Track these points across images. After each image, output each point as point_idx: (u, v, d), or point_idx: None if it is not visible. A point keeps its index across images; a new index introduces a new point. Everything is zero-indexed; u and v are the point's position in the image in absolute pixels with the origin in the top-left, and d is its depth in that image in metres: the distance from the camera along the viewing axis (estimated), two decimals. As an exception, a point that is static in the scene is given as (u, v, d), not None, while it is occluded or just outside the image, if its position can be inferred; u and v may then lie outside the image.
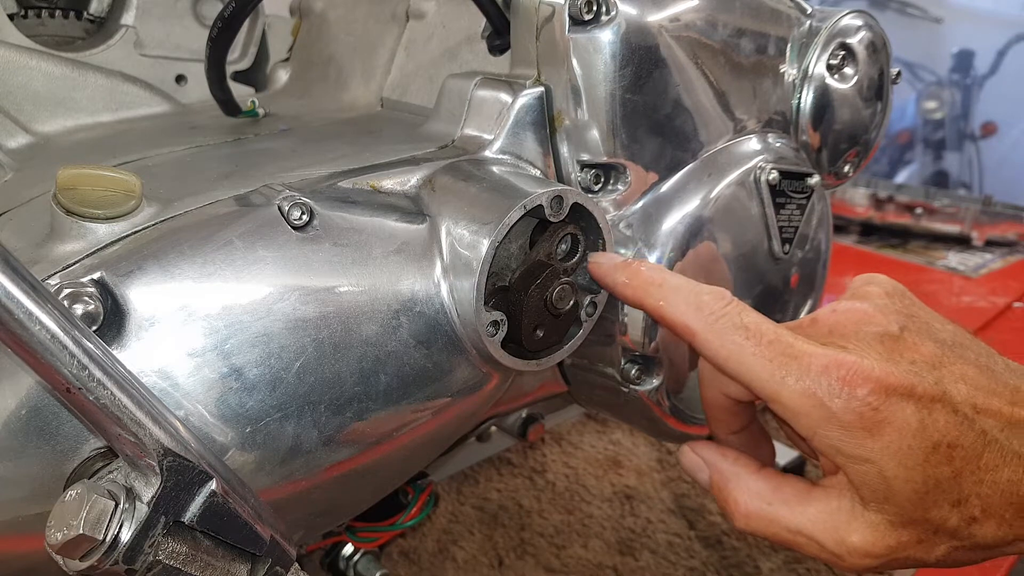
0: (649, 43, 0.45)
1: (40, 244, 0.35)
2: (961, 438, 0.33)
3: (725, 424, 0.41)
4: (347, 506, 0.48)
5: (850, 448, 0.33)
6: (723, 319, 0.36)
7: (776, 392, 0.34)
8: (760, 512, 0.37)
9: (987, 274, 1.62)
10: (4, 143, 0.57)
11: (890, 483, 0.33)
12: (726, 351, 0.36)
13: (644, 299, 0.40)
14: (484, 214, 0.40)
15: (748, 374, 0.35)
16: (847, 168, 0.59)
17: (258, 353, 0.35)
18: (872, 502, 0.34)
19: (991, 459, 0.33)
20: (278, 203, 0.37)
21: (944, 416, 0.33)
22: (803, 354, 0.34)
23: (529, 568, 0.84)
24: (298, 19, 0.70)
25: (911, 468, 0.32)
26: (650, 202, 0.48)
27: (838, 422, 0.33)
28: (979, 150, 2.64)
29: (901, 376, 0.33)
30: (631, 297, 0.41)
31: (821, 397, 0.33)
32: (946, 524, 0.33)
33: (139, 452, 0.29)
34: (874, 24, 0.56)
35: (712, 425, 0.42)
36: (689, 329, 0.37)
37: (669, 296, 0.38)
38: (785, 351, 0.34)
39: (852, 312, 0.37)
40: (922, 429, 0.32)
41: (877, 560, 0.34)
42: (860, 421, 0.32)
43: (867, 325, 0.36)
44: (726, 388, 0.40)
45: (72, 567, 0.28)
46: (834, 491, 0.35)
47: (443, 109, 0.49)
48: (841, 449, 0.33)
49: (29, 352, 0.26)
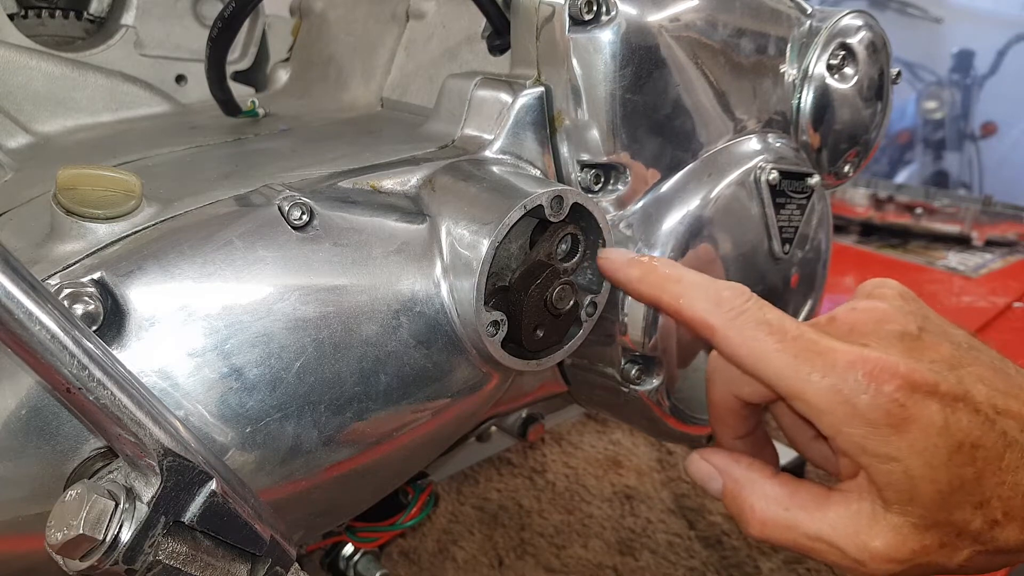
0: (649, 43, 0.46)
1: (40, 244, 0.35)
2: (983, 438, 0.32)
3: (732, 428, 0.41)
4: (347, 506, 0.48)
5: (875, 446, 0.32)
6: (744, 315, 0.35)
7: (800, 389, 0.33)
8: (777, 518, 0.36)
9: (987, 274, 1.62)
10: (4, 143, 0.57)
11: (915, 483, 0.32)
12: (747, 347, 0.35)
13: (660, 295, 0.39)
14: (484, 214, 0.40)
15: (770, 371, 0.34)
16: (847, 168, 0.59)
17: (258, 353, 0.35)
18: (895, 504, 0.33)
19: (1012, 460, 0.32)
20: (278, 203, 0.37)
21: (967, 416, 0.32)
22: (828, 350, 0.33)
23: (529, 568, 0.84)
24: (298, 19, 0.70)
25: (936, 467, 0.32)
26: (650, 202, 0.48)
27: (864, 419, 0.32)
28: (979, 150, 2.64)
29: (926, 373, 0.32)
30: (646, 293, 0.40)
31: (847, 393, 0.32)
32: (969, 527, 0.33)
33: (139, 452, 0.29)
34: (874, 24, 0.56)
35: (718, 429, 0.41)
36: (709, 325, 0.36)
37: (687, 292, 0.37)
38: (809, 347, 0.34)
39: (872, 311, 0.36)
40: (946, 428, 0.32)
41: (900, 566, 0.33)
42: (887, 418, 0.32)
43: (887, 324, 0.35)
44: (737, 389, 0.39)
45: (72, 567, 0.28)
46: (854, 495, 0.34)
47: (443, 109, 0.49)
48: (866, 447, 0.33)
49: (29, 352, 0.26)
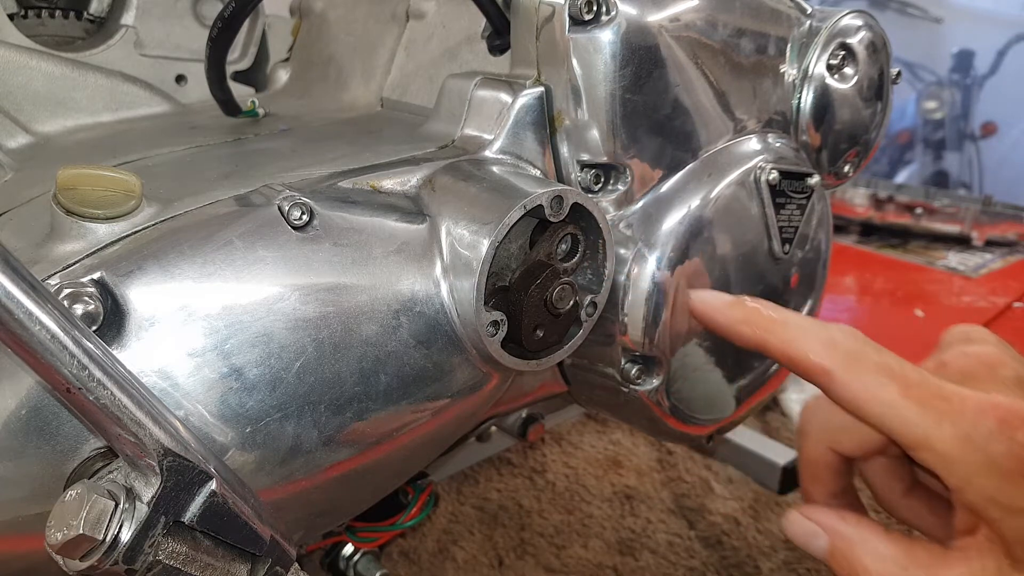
0: (649, 43, 0.46)
1: (40, 244, 0.35)
2: None
3: (826, 485, 0.39)
4: (347, 506, 0.48)
5: (1008, 498, 0.31)
6: (862, 359, 0.34)
7: (926, 438, 0.32)
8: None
9: (987, 274, 1.63)
10: (4, 143, 0.57)
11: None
12: (869, 393, 0.33)
13: (767, 339, 0.37)
14: (484, 214, 0.40)
15: (894, 419, 0.32)
16: (847, 168, 0.59)
17: (258, 353, 0.35)
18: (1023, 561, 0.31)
19: None
20: (278, 203, 0.37)
21: None
22: (955, 396, 0.32)
23: (529, 568, 0.84)
24: (298, 19, 0.70)
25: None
26: (650, 202, 0.48)
27: (997, 469, 0.31)
28: (979, 150, 2.64)
29: None
30: (750, 336, 0.38)
31: (979, 442, 0.31)
32: None
33: (139, 452, 0.29)
34: (874, 24, 0.56)
35: (811, 487, 0.40)
36: (825, 370, 0.34)
37: (797, 335, 0.35)
38: (936, 393, 0.32)
39: (983, 356, 0.35)
40: None
41: None
42: (1020, 469, 0.31)
43: (1001, 368, 0.34)
44: (835, 442, 0.38)
45: (72, 567, 0.28)
46: (974, 552, 0.32)
47: (443, 109, 0.49)
48: (998, 499, 0.31)
49: (29, 352, 0.26)
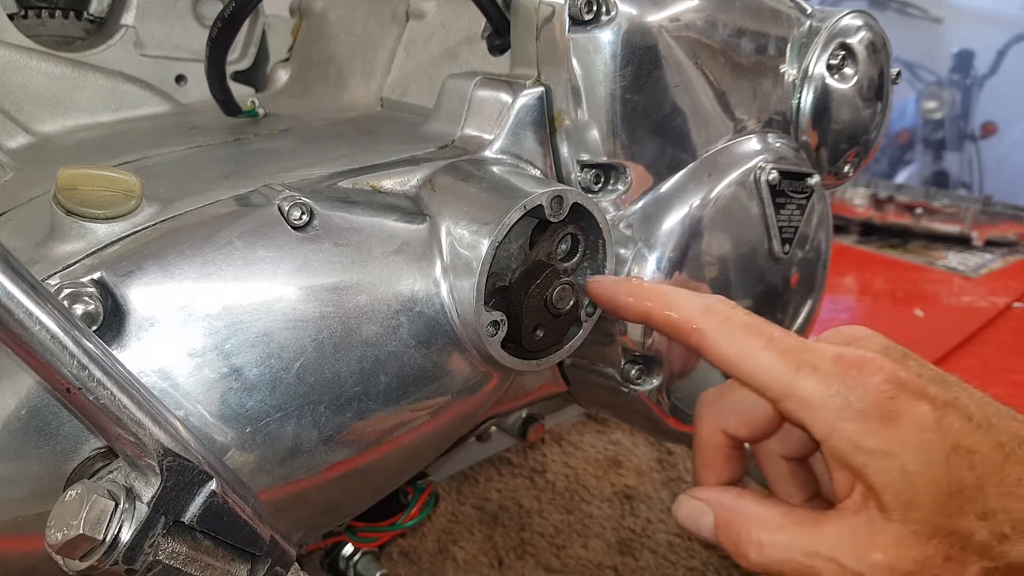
0: (649, 43, 0.45)
1: (40, 244, 0.35)
2: (979, 444, 0.32)
3: (717, 471, 0.40)
4: (347, 506, 0.48)
5: (869, 441, 0.32)
6: (732, 319, 0.36)
7: (791, 385, 0.34)
8: (774, 540, 0.35)
9: (987, 274, 1.62)
10: (4, 143, 0.56)
11: (912, 481, 0.32)
12: (737, 348, 0.35)
13: (649, 307, 0.39)
14: (484, 214, 0.40)
15: (760, 370, 0.35)
16: (847, 168, 0.59)
17: (258, 353, 0.35)
18: (895, 510, 0.32)
19: (1014, 471, 0.32)
20: (278, 203, 0.37)
21: (959, 421, 0.32)
22: (815, 348, 0.34)
23: (529, 568, 0.84)
24: (298, 19, 0.70)
25: (933, 465, 0.31)
26: (650, 202, 0.48)
27: (855, 412, 0.32)
28: (979, 150, 2.64)
29: (912, 377, 0.33)
30: (635, 308, 0.40)
31: (837, 387, 0.33)
32: (974, 538, 0.32)
33: (139, 452, 0.29)
34: (874, 24, 0.56)
35: (701, 470, 0.41)
36: (698, 331, 0.37)
37: (674, 302, 0.38)
38: (796, 346, 0.34)
39: (855, 332, 0.37)
40: (939, 427, 0.32)
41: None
42: (876, 410, 0.32)
43: (872, 341, 0.36)
44: (728, 425, 0.39)
45: (72, 567, 0.28)
46: (850, 509, 0.34)
47: (443, 109, 0.49)
48: (860, 444, 0.32)
49: (29, 352, 0.26)
